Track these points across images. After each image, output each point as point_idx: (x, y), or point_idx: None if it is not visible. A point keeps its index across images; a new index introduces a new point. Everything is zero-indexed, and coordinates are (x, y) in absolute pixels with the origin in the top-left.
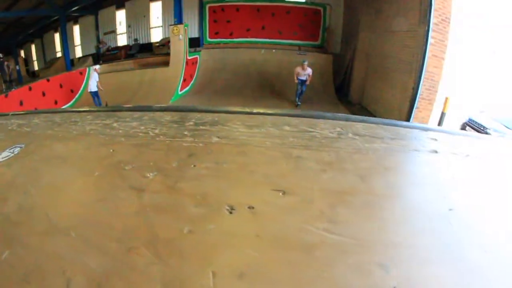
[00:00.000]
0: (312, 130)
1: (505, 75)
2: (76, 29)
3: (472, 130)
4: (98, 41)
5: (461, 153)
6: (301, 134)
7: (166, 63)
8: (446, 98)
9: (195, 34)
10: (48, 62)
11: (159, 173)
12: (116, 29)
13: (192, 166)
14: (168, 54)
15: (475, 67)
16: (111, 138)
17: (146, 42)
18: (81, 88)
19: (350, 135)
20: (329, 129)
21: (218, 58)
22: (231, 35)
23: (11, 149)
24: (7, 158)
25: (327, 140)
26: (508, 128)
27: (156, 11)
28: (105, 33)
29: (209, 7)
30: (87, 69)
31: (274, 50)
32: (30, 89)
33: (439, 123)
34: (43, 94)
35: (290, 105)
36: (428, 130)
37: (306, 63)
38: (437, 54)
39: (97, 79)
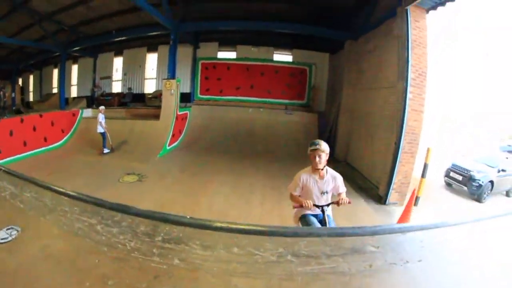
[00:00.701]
0: (257, 252)
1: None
2: (75, 68)
3: (456, 175)
4: (94, 84)
5: (400, 260)
6: (246, 258)
7: (157, 116)
8: (428, 149)
9: (186, 89)
10: (44, 96)
11: None
12: (112, 75)
13: None
14: (159, 107)
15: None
16: (96, 246)
17: (140, 92)
18: (72, 129)
19: (289, 256)
20: (272, 250)
21: (208, 115)
22: (221, 92)
23: (8, 229)
24: (6, 241)
25: (266, 265)
26: (491, 166)
27: (152, 63)
28: (102, 78)
29: (202, 64)
30: (80, 111)
31: (261, 109)
32: (22, 121)
33: (423, 174)
34: (34, 129)
35: (276, 164)
36: (375, 234)
37: (323, 149)
38: (416, 108)
39: (103, 120)
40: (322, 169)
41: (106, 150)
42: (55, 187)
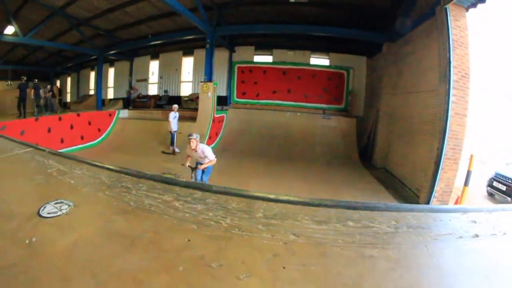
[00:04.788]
0: (372, 225)
1: None
2: (111, 71)
3: (500, 184)
4: (130, 86)
5: (499, 232)
6: (365, 230)
7: (193, 118)
8: (471, 156)
9: (223, 92)
10: (81, 97)
11: (253, 275)
12: (148, 78)
13: (282, 268)
14: (195, 109)
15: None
16: (180, 223)
17: (176, 94)
18: (108, 129)
19: (404, 228)
20: (386, 222)
21: (244, 119)
22: (257, 96)
23: (57, 203)
24: (55, 215)
25: (388, 235)
26: None
27: (187, 66)
28: (138, 80)
29: (238, 67)
30: (117, 111)
31: (298, 114)
32: (60, 119)
33: (466, 182)
34: (71, 127)
35: (314, 169)
36: (467, 212)
37: (195, 137)
38: (459, 111)
39: (174, 119)
40: (195, 147)
41: (177, 150)
42: (111, 166)
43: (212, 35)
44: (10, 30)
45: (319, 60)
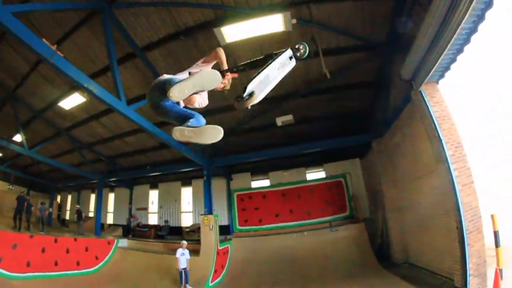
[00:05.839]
0: None
1: None
2: (111, 196)
3: None
4: (130, 214)
5: None
6: None
7: (196, 251)
8: (493, 216)
9: (224, 221)
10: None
11: None
12: (148, 207)
13: None
14: (198, 241)
15: None
16: None
17: (176, 225)
18: (106, 258)
19: None
20: None
21: (250, 247)
22: (260, 222)
23: None
24: None
25: None
26: None
27: (187, 196)
28: (138, 209)
29: (237, 195)
30: (116, 240)
31: (305, 233)
32: (55, 241)
33: (496, 243)
34: (67, 251)
35: (334, 286)
36: None
37: None
38: (465, 182)
39: (181, 256)
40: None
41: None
42: None
43: (208, 167)
44: (18, 138)
45: (315, 174)
